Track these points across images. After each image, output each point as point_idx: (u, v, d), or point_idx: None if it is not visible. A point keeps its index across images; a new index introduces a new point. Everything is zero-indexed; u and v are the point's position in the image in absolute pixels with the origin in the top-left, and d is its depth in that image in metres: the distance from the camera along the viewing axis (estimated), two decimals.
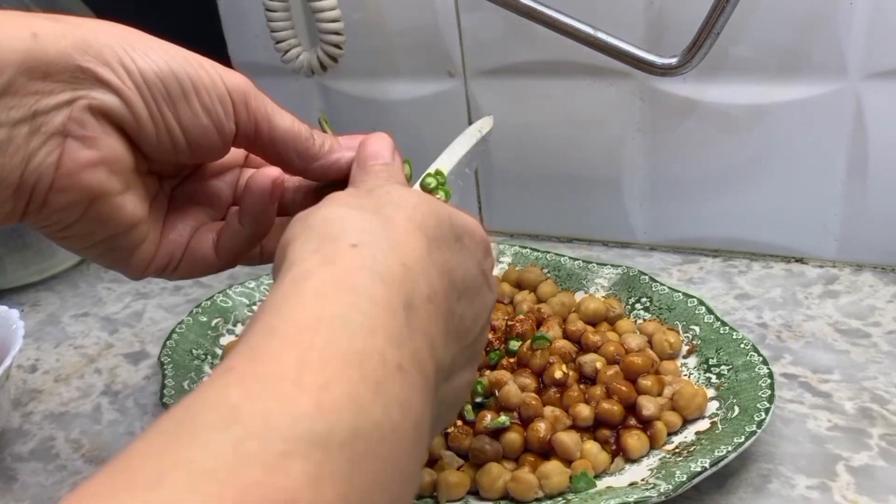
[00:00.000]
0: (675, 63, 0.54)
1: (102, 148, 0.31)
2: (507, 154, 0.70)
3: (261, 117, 0.34)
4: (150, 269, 0.36)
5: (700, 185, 0.64)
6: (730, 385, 0.47)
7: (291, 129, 0.35)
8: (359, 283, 0.25)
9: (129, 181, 0.33)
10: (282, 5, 0.64)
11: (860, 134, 0.57)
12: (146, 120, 0.32)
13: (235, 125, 0.34)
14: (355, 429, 0.20)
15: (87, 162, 0.31)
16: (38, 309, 0.69)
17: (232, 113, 0.33)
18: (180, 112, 0.32)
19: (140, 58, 0.31)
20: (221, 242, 0.37)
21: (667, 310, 0.54)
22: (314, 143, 0.36)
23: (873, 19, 0.53)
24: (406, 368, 0.23)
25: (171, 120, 0.32)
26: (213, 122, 0.33)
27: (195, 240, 0.37)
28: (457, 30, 0.66)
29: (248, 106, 0.34)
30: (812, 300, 0.59)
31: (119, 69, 0.31)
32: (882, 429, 0.46)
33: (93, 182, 0.31)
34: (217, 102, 0.33)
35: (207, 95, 0.32)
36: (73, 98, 0.30)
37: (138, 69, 0.31)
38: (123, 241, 0.34)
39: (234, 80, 0.33)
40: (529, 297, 0.56)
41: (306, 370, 0.21)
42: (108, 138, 0.31)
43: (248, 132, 0.34)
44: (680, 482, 0.40)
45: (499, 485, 0.42)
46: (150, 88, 0.31)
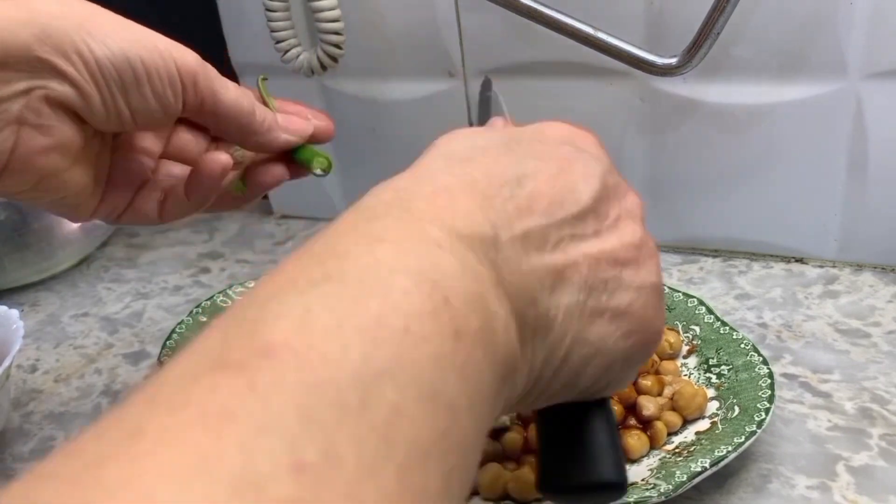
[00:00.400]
0: (675, 63, 0.54)
1: (56, 135, 0.33)
2: None
3: (207, 95, 0.36)
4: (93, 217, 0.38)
5: (700, 185, 0.64)
6: (730, 385, 0.47)
7: (235, 105, 0.37)
8: None
9: (77, 157, 0.35)
10: (282, 5, 0.64)
11: (860, 134, 0.57)
12: (98, 107, 0.34)
13: (183, 104, 0.36)
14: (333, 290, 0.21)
15: (41, 149, 0.33)
16: (38, 309, 0.69)
17: (181, 94, 0.35)
18: (131, 98, 0.34)
19: (96, 45, 0.33)
20: (167, 207, 0.39)
21: (667, 310, 0.54)
22: (255, 120, 0.38)
23: (873, 19, 0.53)
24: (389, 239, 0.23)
25: (122, 105, 0.34)
26: (161, 106, 0.35)
27: (139, 200, 0.39)
28: (457, 30, 0.66)
29: (196, 86, 0.36)
30: (812, 300, 0.59)
31: (76, 59, 0.32)
32: (882, 429, 0.46)
33: (45, 165, 0.33)
34: (167, 87, 0.35)
35: (159, 81, 0.34)
36: (31, 87, 0.32)
37: (94, 59, 0.33)
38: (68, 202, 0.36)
39: (186, 59, 0.35)
40: None
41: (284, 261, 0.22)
42: (61, 126, 0.33)
43: (194, 107, 0.36)
44: (680, 482, 0.40)
45: (499, 485, 0.42)
46: (105, 77, 0.33)
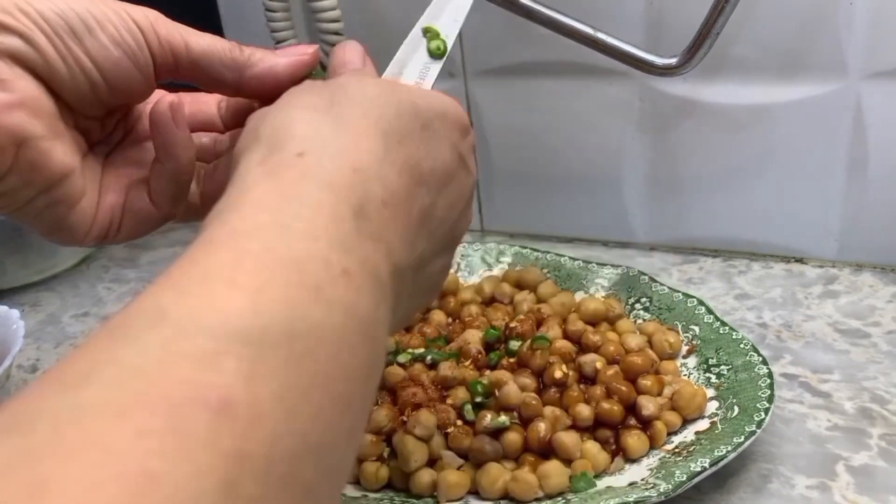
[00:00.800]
0: (675, 63, 0.54)
1: (17, 90, 0.31)
2: (507, 154, 0.70)
3: (175, 41, 0.34)
4: (92, 233, 0.35)
5: (700, 185, 0.64)
6: (729, 385, 0.47)
7: (211, 46, 0.35)
8: (303, 192, 0.24)
9: (54, 128, 0.33)
10: (282, 5, 0.64)
11: (860, 134, 0.57)
12: (54, 57, 0.31)
13: (151, 55, 0.33)
14: (291, 330, 0.20)
15: (5, 104, 0.31)
16: (39, 309, 0.69)
17: (143, 42, 0.33)
18: (88, 46, 0.32)
19: (39, 2, 0.31)
20: (153, 186, 0.36)
21: (667, 310, 0.54)
22: (240, 53, 0.35)
23: (873, 19, 0.53)
24: (353, 273, 0.23)
25: (80, 55, 0.32)
26: (125, 53, 0.32)
27: (131, 196, 0.36)
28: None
29: (157, 34, 0.33)
30: (812, 300, 0.59)
31: (17, 13, 0.31)
32: (882, 429, 0.46)
33: (13, 124, 0.31)
34: (125, 33, 0.32)
35: (114, 28, 0.32)
36: None
37: (37, 11, 0.31)
38: (59, 194, 0.33)
39: (139, 12, 0.33)
40: (529, 298, 0.56)
41: (240, 272, 0.21)
42: (20, 80, 0.31)
43: (167, 60, 0.34)
44: (680, 482, 0.40)
45: (499, 485, 0.42)
46: (52, 26, 0.31)
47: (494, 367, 0.49)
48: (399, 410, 0.46)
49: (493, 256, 0.63)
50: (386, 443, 0.45)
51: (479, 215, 0.75)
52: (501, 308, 0.56)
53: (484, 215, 0.74)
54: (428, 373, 0.48)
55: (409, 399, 0.46)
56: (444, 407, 0.45)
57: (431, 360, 0.49)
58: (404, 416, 0.45)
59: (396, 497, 0.44)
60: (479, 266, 0.63)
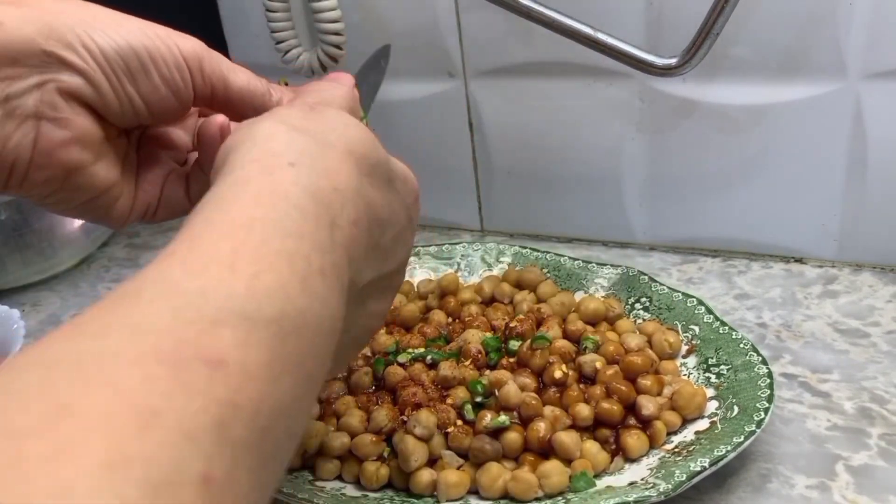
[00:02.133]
0: (674, 63, 0.54)
1: (74, 128, 0.34)
2: (507, 154, 0.70)
3: (216, 80, 0.37)
4: (130, 219, 0.39)
5: (700, 185, 0.64)
6: (729, 385, 0.47)
7: (247, 88, 0.38)
8: (292, 195, 0.27)
9: (100, 151, 0.36)
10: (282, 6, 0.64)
11: (860, 134, 0.57)
12: (110, 96, 0.34)
13: (193, 91, 0.36)
14: (281, 311, 0.23)
15: (61, 142, 0.34)
16: (39, 309, 0.69)
17: (189, 80, 0.36)
18: (140, 85, 0.35)
19: (100, 37, 0.34)
20: (192, 189, 0.39)
21: (666, 310, 0.54)
22: (271, 98, 0.39)
23: (873, 19, 0.53)
24: (327, 273, 0.26)
25: (132, 93, 0.35)
26: (171, 91, 0.36)
27: (167, 188, 0.39)
28: (457, 30, 0.66)
29: (202, 71, 0.36)
30: (811, 300, 0.59)
31: (82, 51, 0.33)
32: (881, 428, 0.46)
33: (68, 158, 0.34)
34: (175, 72, 0.35)
35: (165, 66, 0.35)
36: (42, 81, 0.33)
37: (99, 48, 0.33)
38: (101, 202, 0.37)
39: (188, 46, 0.36)
40: (529, 297, 0.56)
41: (240, 260, 0.23)
42: (77, 118, 0.34)
43: (205, 95, 0.37)
44: (679, 482, 0.40)
45: (499, 485, 0.42)
46: (112, 66, 0.34)
47: (494, 366, 0.49)
48: (399, 410, 0.46)
49: (493, 256, 0.63)
50: (386, 442, 0.45)
51: (480, 215, 0.75)
52: (501, 308, 0.56)
53: (484, 215, 0.74)
54: (428, 373, 0.48)
55: (409, 399, 0.46)
56: (444, 407, 0.45)
57: (431, 360, 0.49)
58: (404, 416, 0.45)
59: (396, 497, 0.44)
60: (479, 266, 0.63)
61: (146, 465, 0.17)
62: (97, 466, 0.16)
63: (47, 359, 0.19)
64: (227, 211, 0.26)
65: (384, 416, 0.45)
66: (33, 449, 0.16)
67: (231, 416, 0.19)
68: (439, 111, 0.70)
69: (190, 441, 0.18)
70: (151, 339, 0.20)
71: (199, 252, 0.24)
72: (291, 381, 0.22)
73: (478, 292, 0.58)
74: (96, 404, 0.18)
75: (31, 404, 0.17)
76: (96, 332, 0.20)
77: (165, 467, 0.17)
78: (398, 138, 0.71)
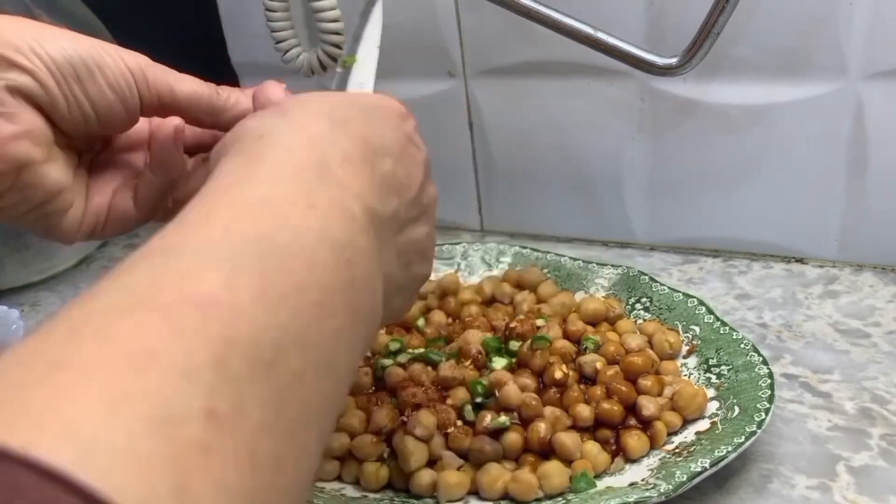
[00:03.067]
0: (675, 63, 0.54)
1: (23, 122, 0.35)
2: (507, 154, 0.70)
3: (161, 87, 0.38)
4: (79, 234, 0.40)
5: (700, 185, 0.64)
6: (730, 385, 0.47)
7: (194, 93, 0.39)
8: (266, 157, 0.28)
9: (50, 152, 0.37)
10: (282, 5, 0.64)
11: (860, 134, 0.57)
12: (58, 97, 0.36)
13: (139, 98, 0.38)
14: (262, 249, 0.23)
15: (11, 135, 0.35)
16: (38, 309, 0.69)
17: (135, 87, 0.38)
18: (88, 89, 0.36)
19: (48, 44, 0.35)
20: (139, 194, 0.40)
21: (667, 310, 0.54)
22: (219, 98, 0.40)
23: (873, 19, 0.53)
24: (319, 206, 0.26)
25: (80, 96, 0.36)
26: (118, 97, 0.37)
27: (116, 199, 0.40)
28: (457, 30, 0.66)
29: (147, 80, 0.38)
30: (812, 300, 0.59)
31: (30, 54, 0.35)
32: (882, 429, 0.46)
33: (18, 152, 0.35)
34: (120, 79, 0.37)
35: (111, 73, 0.37)
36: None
37: (47, 53, 0.35)
38: (52, 208, 0.38)
39: (132, 59, 0.38)
40: (529, 298, 0.56)
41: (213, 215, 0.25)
42: (26, 114, 0.35)
43: (153, 102, 0.38)
44: (680, 482, 0.40)
45: (499, 485, 0.42)
46: (60, 69, 0.36)
47: None
48: (399, 410, 0.46)
49: (493, 256, 0.63)
50: (386, 443, 0.45)
51: (480, 215, 0.75)
52: (501, 308, 0.55)
53: (484, 215, 0.74)
54: (428, 373, 0.48)
55: (409, 399, 0.46)
56: (444, 407, 0.45)
57: (431, 360, 0.49)
58: (404, 417, 0.45)
59: (396, 497, 0.44)
60: (479, 266, 0.63)
61: (148, 402, 0.17)
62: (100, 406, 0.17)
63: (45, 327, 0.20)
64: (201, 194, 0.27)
65: (384, 417, 0.45)
66: (35, 397, 0.17)
67: (227, 350, 0.20)
68: (439, 111, 0.70)
69: (189, 378, 0.18)
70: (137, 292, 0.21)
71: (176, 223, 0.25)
72: (291, 312, 0.22)
73: (478, 292, 0.58)
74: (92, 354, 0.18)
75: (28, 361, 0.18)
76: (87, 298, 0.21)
77: (168, 403, 0.18)
78: None
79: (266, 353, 0.21)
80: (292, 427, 0.21)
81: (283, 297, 0.22)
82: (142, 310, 0.20)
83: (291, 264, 0.24)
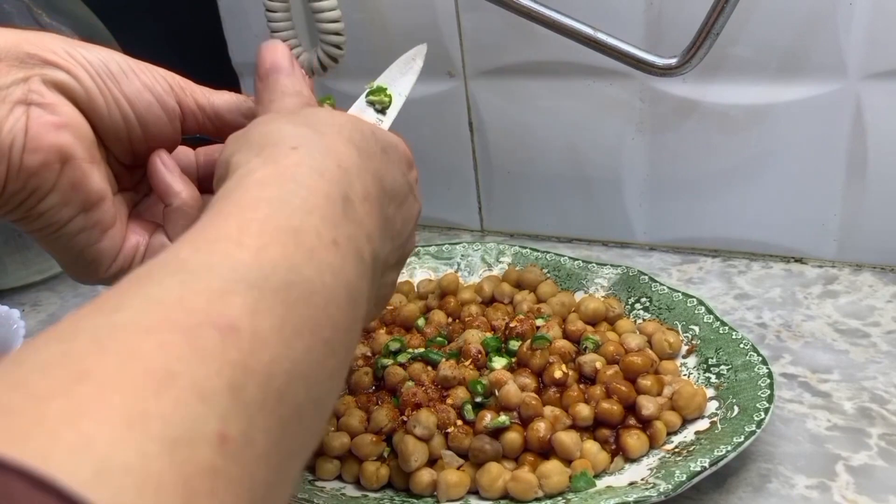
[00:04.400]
0: (674, 63, 0.54)
1: (63, 114, 0.35)
2: (507, 154, 0.70)
3: (198, 95, 0.38)
4: (115, 266, 0.39)
5: (700, 185, 0.64)
6: (729, 385, 0.47)
7: (230, 101, 0.39)
8: (299, 176, 0.28)
9: (93, 154, 0.36)
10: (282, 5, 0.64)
11: (860, 134, 0.57)
12: (95, 92, 0.36)
13: (178, 104, 0.38)
14: (288, 280, 0.23)
15: (53, 124, 0.34)
16: (39, 309, 0.69)
17: (171, 91, 0.37)
18: (124, 87, 0.36)
19: (82, 49, 0.36)
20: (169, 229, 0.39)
21: (666, 310, 0.54)
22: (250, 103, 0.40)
23: (873, 19, 0.53)
24: (341, 244, 0.27)
25: (117, 94, 0.36)
26: (155, 98, 0.37)
27: (154, 238, 0.40)
28: (457, 30, 0.66)
29: (182, 87, 0.38)
30: (811, 300, 0.59)
31: (64, 55, 0.35)
32: (881, 428, 0.46)
33: (61, 142, 0.35)
34: (156, 81, 0.37)
35: (146, 76, 0.37)
36: (28, 76, 0.34)
37: (83, 56, 0.35)
38: (94, 219, 0.37)
39: (167, 72, 0.38)
40: (529, 297, 0.56)
41: (246, 235, 0.24)
42: (66, 106, 0.35)
43: (192, 109, 0.38)
44: (679, 482, 0.40)
45: (499, 484, 0.42)
46: (95, 68, 0.36)
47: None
48: (399, 410, 0.46)
49: (493, 256, 0.63)
50: (386, 443, 0.45)
51: (479, 215, 0.75)
52: (501, 308, 0.56)
53: (484, 215, 0.74)
54: (428, 372, 0.48)
55: (409, 399, 0.46)
56: (444, 407, 0.45)
57: (431, 359, 0.49)
58: (404, 416, 0.45)
59: (396, 497, 0.44)
60: (479, 266, 0.63)
61: (164, 422, 0.17)
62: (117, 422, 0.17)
63: (66, 334, 0.20)
64: (233, 199, 0.26)
65: (384, 417, 0.45)
66: (54, 408, 0.17)
67: (244, 378, 0.20)
68: (439, 111, 0.70)
69: (205, 401, 0.19)
70: (163, 309, 0.21)
71: (207, 233, 0.25)
72: (305, 347, 0.23)
73: (478, 292, 0.58)
74: (114, 369, 0.18)
75: (51, 371, 0.18)
76: (112, 308, 0.21)
77: (182, 425, 0.18)
78: None
79: (278, 385, 0.21)
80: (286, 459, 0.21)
81: (300, 331, 0.23)
82: (166, 329, 0.20)
83: (311, 300, 0.24)
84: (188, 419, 0.18)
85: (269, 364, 0.21)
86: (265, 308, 0.22)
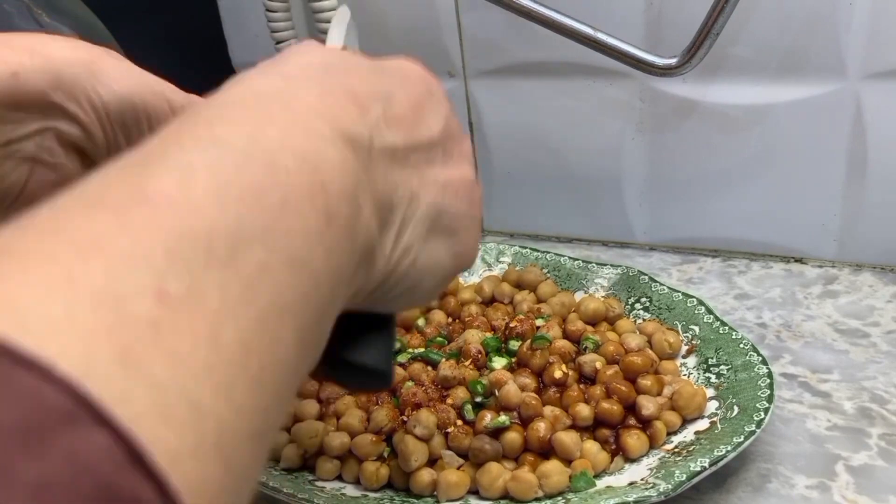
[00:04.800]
0: (674, 63, 0.54)
1: (64, 172, 0.36)
2: (507, 154, 0.70)
3: None
4: None
5: (700, 185, 0.64)
6: (729, 385, 0.47)
7: None
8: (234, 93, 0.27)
9: None
10: (282, 5, 0.64)
11: (860, 134, 0.57)
12: (102, 145, 0.37)
13: None
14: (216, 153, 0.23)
15: (49, 183, 0.36)
16: None
17: None
18: (132, 136, 0.37)
19: (104, 91, 0.36)
20: None
21: (666, 310, 0.54)
22: None
23: (873, 19, 0.53)
24: (279, 123, 0.25)
25: (122, 143, 0.37)
26: None
27: None
28: (457, 30, 0.66)
29: None
30: (811, 300, 0.59)
31: (85, 104, 0.36)
32: (881, 428, 0.46)
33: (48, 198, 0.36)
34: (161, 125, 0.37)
35: (155, 119, 0.37)
36: (44, 128, 0.35)
37: (102, 103, 0.36)
38: None
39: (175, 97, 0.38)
40: (529, 297, 0.56)
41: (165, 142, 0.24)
42: (68, 164, 0.36)
43: None
44: (679, 482, 0.40)
45: (499, 484, 0.42)
46: (110, 119, 0.36)
47: None
48: (399, 410, 0.46)
49: (493, 256, 0.63)
50: (386, 442, 0.45)
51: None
52: (501, 308, 0.56)
53: (484, 215, 0.74)
54: (428, 372, 0.48)
55: (409, 399, 0.46)
56: (444, 407, 0.45)
57: (431, 359, 0.49)
58: (404, 416, 0.45)
59: (396, 497, 0.44)
60: (479, 266, 0.63)
61: (92, 283, 0.17)
62: (39, 286, 0.17)
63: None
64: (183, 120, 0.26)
65: (384, 416, 0.45)
66: None
67: (180, 242, 0.20)
68: None
69: (136, 262, 0.18)
70: (87, 193, 0.20)
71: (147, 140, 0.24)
72: (248, 209, 0.22)
73: (478, 292, 0.58)
74: (33, 244, 0.18)
75: None
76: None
77: (112, 285, 0.18)
78: None
79: (222, 244, 0.21)
80: (262, 316, 0.21)
81: (240, 196, 0.22)
82: (90, 208, 0.20)
83: (249, 166, 0.23)
84: (118, 279, 0.18)
85: (208, 227, 0.20)
86: (196, 179, 0.22)
